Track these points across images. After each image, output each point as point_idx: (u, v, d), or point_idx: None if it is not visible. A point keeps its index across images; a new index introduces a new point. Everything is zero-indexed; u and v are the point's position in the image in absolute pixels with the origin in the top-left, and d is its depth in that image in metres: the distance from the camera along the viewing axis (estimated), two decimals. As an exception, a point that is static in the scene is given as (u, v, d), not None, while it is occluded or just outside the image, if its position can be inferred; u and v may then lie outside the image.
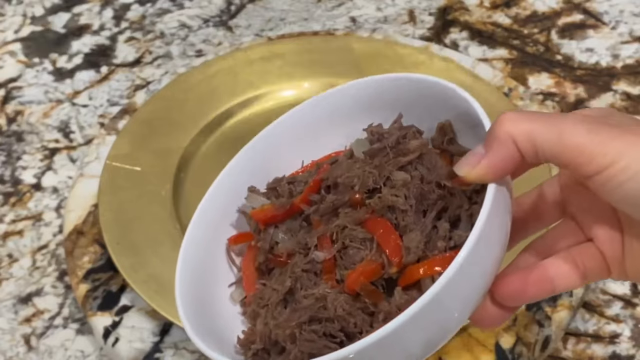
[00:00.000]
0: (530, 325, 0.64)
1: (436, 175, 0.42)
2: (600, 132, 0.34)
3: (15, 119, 0.89)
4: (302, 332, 0.39)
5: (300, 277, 0.41)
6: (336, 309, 0.39)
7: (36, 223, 0.78)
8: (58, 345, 0.69)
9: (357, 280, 0.39)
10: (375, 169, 0.42)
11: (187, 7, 1.03)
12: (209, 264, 0.45)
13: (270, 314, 0.41)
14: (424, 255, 0.39)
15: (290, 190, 0.46)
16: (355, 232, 0.41)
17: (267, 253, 0.45)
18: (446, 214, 0.41)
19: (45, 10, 1.04)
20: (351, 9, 1.00)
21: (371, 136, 0.45)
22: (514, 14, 0.98)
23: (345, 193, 0.42)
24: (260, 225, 0.45)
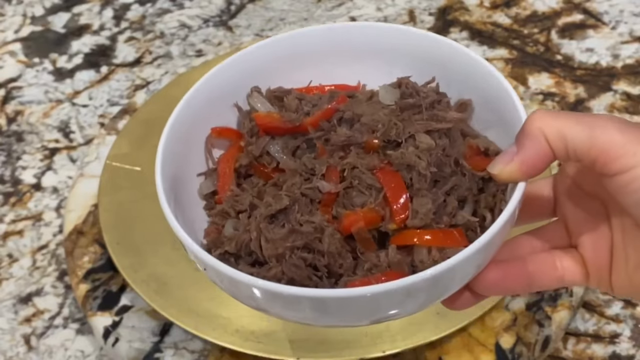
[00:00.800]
0: (531, 325, 0.64)
1: (456, 151, 0.41)
2: (631, 132, 0.34)
3: (15, 119, 0.89)
4: (293, 255, 0.39)
5: (298, 199, 0.40)
6: (330, 244, 0.39)
7: (36, 223, 0.78)
8: (58, 345, 0.69)
9: (356, 223, 0.39)
10: (402, 123, 0.41)
11: (187, 7, 1.03)
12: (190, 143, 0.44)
13: (255, 225, 0.40)
14: (428, 224, 0.39)
15: (298, 107, 0.44)
16: (364, 176, 0.40)
17: (254, 159, 0.44)
18: (456, 192, 0.41)
19: (45, 10, 1.04)
20: (351, 9, 1.00)
21: (405, 89, 0.44)
22: (514, 14, 0.98)
23: (363, 133, 0.41)
24: (259, 129, 0.44)
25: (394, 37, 0.45)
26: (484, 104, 0.44)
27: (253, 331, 0.62)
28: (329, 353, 0.61)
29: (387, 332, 0.62)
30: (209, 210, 0.44)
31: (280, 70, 0.46)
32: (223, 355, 0.63)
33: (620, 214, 0.38)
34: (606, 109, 0.86)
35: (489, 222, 0.40)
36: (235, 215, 0.42)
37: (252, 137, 0.45)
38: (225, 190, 0.43)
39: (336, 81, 0.47)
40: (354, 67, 0.46)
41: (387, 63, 0.46)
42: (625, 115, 0.85)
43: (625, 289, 0.39)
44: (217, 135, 0.45)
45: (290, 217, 0.40)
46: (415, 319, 0.62)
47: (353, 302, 0.35)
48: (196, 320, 0.63)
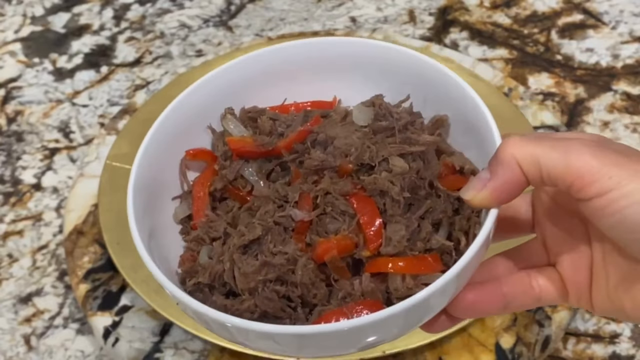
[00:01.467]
0: (531, 325, 0.64)
1: (430, 173, 0.41)
2: (605, 156, 0.34)
3: (15, 119, 0.89)
4: (265, 288, 0.39)
5: (271, 228, 0.40)
6: (303, 276, 0.39)
7: (36, 223, 0.78)
8: (58, 345, 0.69)
9: (329, 251, 0.39)
10: (375, 146, 0.41)
11: (187, 7, 1.03)
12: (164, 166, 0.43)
13: (228, 256, 0.40)
14: (402, 251, 0.39)
15: (272, 128, 0.44)
16: (338, 202, 0.40)
17: (228, 183, 0.43)
18: (430, 215, 0.41)
19: (45, 10, 1.04)
20: (351, 9, 1.00)
21: (378, 110, 0.43)
22: (514, 14, 0.98)
23: (336, 157, 0.41)
24: (233, 153, 0.44)
25: (370, 52, 0.45)
26: (460, 122, 0.43)
27: (253, 331, 0.62)
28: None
29: (387, 332, 0.62)
30: (185, 235, 0.43)
31: (256, 87, 0.46)
32: (223, 355, 0.63)
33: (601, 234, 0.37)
34: (606, 108, 0.86)
35: (463, 246, 0.39)
36: (209, 241, 0.42)
37: (226, 161, 0.44)
38: (200, 215, 0.43)
39: (312, 97, 0.46)
40: (330, 82, 0.46)
41: (363, 78, 0.45)
42: (625, 115, 0.85)
43: (606, 307, 0.38)
44: (192, 157, 0.45)
45: (263, 247, 0.40)
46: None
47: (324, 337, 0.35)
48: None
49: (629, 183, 0.33)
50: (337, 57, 0.45)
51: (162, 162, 0.43)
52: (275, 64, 0.46)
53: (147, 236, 0.39)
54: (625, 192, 0.33)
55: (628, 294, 0.37)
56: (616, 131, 0.83)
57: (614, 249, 0.37)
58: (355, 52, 0.45)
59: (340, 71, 0.46)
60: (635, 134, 0.83)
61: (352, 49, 0.45)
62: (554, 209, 0.40)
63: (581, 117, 0.85)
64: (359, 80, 0.46)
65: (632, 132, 0.83)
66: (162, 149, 0.43)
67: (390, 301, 0.39)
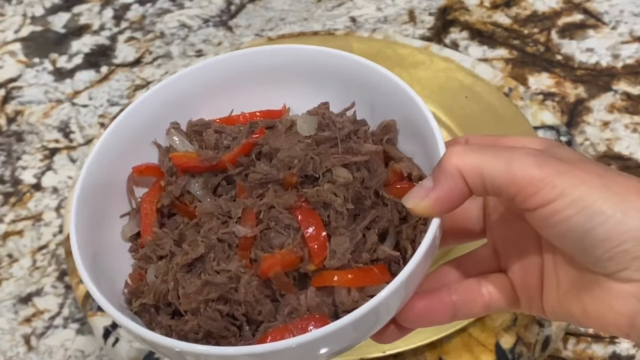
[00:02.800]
0: (531, 325, 0.64)
1: (376, 182, 0.41)
2: (549, 165, 0.34)
3: (15, 119, 0.89)
4: (208, 308, 0.38)
5: (214, 246, 0.39)
6: (247, 294, 0.38)
7: (36, 223, 0.78)
8: (58, 345, 0.69)
9: (273, 267, 0.38)
10: (318, 157, 0.41)
11: (187, 7, 1.03)
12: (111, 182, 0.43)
13: (172, 275, 0.39)
14: (346, 264, 0.38)
15: (217, 141, 0.44)
16: (282, 216, 0.39)
17: (175, 199, 0.43)
18: (376, 225, 0.40)
19: (45, 10, 1.04)
20: (351, 9, 1.00)
21: (322, 119, 0.43)
22: (514, 14, 0.98)
23: (280, 170, 0.41)
24: (177, 169, 0.43)
25: (318, 59, 0.45)
26: (408, 127, 0.43)
27: (253, 331, 0.62)
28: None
29: (387, 332, 0.62)
30: (134, 253, 0.43)
31: (203, 99, 0.45)
32: (223, 355, 0.63)
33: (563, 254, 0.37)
34: (606, 108, 0.86)
35: (409, 255, 0.39)
36: (157, 260, 0.41)
37: (172, 176, 0.43)
38: (148, 232, 0.42)
39: (261, 106, 0.46)
40: (278, 91, 0.46)
41: (312, 85, 0.45)
42: (625, 115, 0.85)
43: (558, 312, 0.38)
44: (139, 174, 0.44)
45: (206, 265, 0.39)
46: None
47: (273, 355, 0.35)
48: (196, 320, 0.63)
49: (573, 192, 0.33)
50: (282, 65, 0.45)
51: (108, 179, 0.42)
52: (221, 75, 0.45)
53: (91, 256, 0.38)
54: (569, 201, 0.33)
55: (578, 301, 0.36)
56: (616, 131, 0.83)
57: (564, 256, 0.37)
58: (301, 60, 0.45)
59: (287, 79, 0.46)
60: (636, 134, 0.83)
61: (298, 56, 0.45)
62: (504, 214, 0.40)
63: (581, 117, 0.85)
64: (307, 87, 0.45)
65: (632, 132, 0.83)
66: (108, 165, 0.42)
67: (337, 315, 0.38)
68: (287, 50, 0.45)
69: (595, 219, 0.33)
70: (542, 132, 0.78)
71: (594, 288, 0.35)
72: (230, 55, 0.45)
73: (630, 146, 0.82)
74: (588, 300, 0.35)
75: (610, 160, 0.81)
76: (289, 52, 0.45)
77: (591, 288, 0.35)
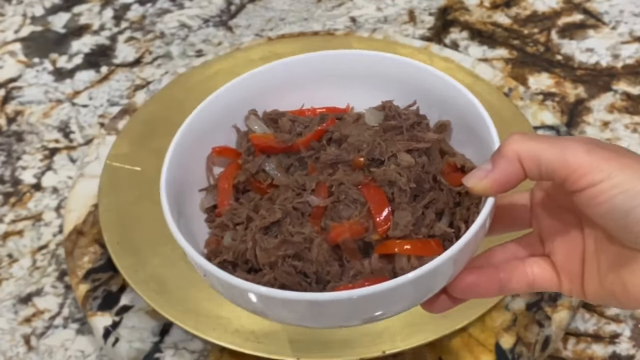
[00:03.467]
0: (531, 325, 0.64)
1: (434, 168, 0.45)
2: (597, 152, 0.38)
3: (15, 119, 0.89)
4: (284, 263, 0.42)
5: (289, 212, 0.44)
6: (318, 254, 0.42)
7: (36, 223, 0.78)
8: (58, 345, 0.69)
9: (342, 234, 0.43)
10: (385, 143, 0.45)
11: (187, 7, 1.03)
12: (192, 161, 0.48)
13: (251, 236, 0.44)
14: (408, 235, 0.43)
15: (291, 128, 0.48)
16: (350, 191, 0.44)
17: (251, 175, 0.47)
18: (433, 205, 0.44)
19: (45, 10, 1.04)
20: (351, 9, 1.00)
21: (388, 111, 0.48)
22: (514, 14, 0.98)
23: (350, 152, 0.45)
24: (255, 149, 0.48)
25: (380, 63, 0.49)
26: (462, 126, 0.47)
27: (253, 331, 0.62)
28: (329, 353, 0.61)
29: (387, 332, 0.62)
30: (209, 223, 0.47)
31: (276, 94, 0.50)
32: (223, 355, 0.63)
33: (592, 224, 0.41)
34: (606, 108, 0.86)
35: (463, 233, 0.42)
36: (233, 227, 0.45)
37: (249, 156, 0.48)
38: (225, 204, 0.47)
39: (327, 104, 0.51)
40: (343, 91, 0.50)
41: (373, 87, 0.50)
42: (625, 115, 0.85)
43: (598, 294, 0.42)
44: (217, 154, 0.49)
45: (282, 228, 0.44)
46: (415, 319, 0.63)
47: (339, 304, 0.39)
48: (196, 320, 0.63)
49: (618, 175, 0.37)
50: (350, 68, 0.50)
51: (190, 158, 0.47)
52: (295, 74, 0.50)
53: (177, 219, 0.43)
54: (614, 183, 0.37)
55: (618, 279, 0.40)
56: (616, 131, 0.83)
57: (605, 238, 0.41)
58: (367, 64, 0.50)
59: (353, 81, 0.50)
60: (635, 134, 0.83)
61: (364, 60, 0.50)
62: (549, 203, 0.44)
63: (581, 117, 0.85)
64: (370, 90, 0.50)
65: (632, 132, 0.83)
66: (190, 146, 0.47)
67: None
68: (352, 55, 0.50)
69: (637, 199, 0.37)
70: (542, 132, 0.78)
71: (633, 264, 0.39)
72: (304, 57, 0.50)
73: (630, 146, 0.82)
74: (627, 277, 0.39)
75: (610, 160, 0.81)
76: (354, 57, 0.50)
77: (630, 264, 0.39)
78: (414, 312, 0.63)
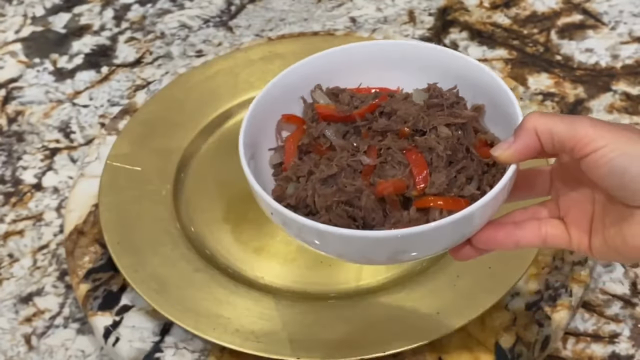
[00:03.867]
0: (530, 325, 0.64)
1: (468, 141, 0.53)
2: (600, 125, 0.46)
3: (16, 119, 0.89)
4: (338, 207, 0.51)
5: (344, 168, 0.53)
6: (367, 202, 0.51)
7: (37, 223, 0.78)
8: (59, 344, 0.69)
9: (387, 188, 0.51)
10: (428, 117, 0.54)
11: (187, 8, 1.03)
12: (263, 128, 0.57)
13: (311, 186, 0.52)
14: (441, 193, 0.51)
15: (349, 102, 0.57)
16: (396, 155, 0.52)
17: (313, 139, 0.55)
18: (465, 171, 0.52)
19: (46, 11, 1.04)
20: (351, 10, 1.01)
21: (432, 92, 0.56)
22: (513, 14, 0.99)
23: (398, 123, 0.54)
24: (319, 116, 0.56)
25: (426, 52, 0.58)
26: (493, 106, 0.55)
27: (253, 331, 0.62)
28: (329, 353, 0.61)
29: (387, 332, 0.62)
30: (276, 177, 0.56)
31: (338, 74, 0.59)
32: (223, 354, 0.64)
33: (599, 190, 0.49)
34: (605, 109, 0.86)
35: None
36: (296, 179, 0.54)
37: (312, 122, 0.56)
38: (290, 161, 0.55)
39: (380, 85, 0.59)
40: (394, 74, 0.59)
41: (420, 72, 0.58)
42: (625, 116, 0.85)
43: (602, 250, 0.49)
44: (286, 120, 0.58)
45: (337, 180, 0.52)
46: (415, 319, 0.63)
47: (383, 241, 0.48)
48: (196, 320, 0.63)
49: (616, 142, 0.45)
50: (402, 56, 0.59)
51: (262, 122, 0.56)
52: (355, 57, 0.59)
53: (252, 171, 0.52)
54: (612, 148, 0.45)
55: (618, 234, 0.47)
56: (616, 131, 0.84)
57: (608, 200, 0.48)
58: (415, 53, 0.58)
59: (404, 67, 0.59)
60: (635, 134, 0.83)
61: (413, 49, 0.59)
62: (567, 176, 0.51)
63: (581, 117, 0.85)
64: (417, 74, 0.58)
65: (631, 132, 0.83)
66: (263, 112, 0.56)
67: None
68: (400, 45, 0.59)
69: (632, 161, 0.45)
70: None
71: (630, 219, 0.46)
72: (360, 45, 0.59)
73: (629, 146, 0.82)
74: (626, 229, 0.46)
75: (610, 160, 0.81)
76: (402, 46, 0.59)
77: (628, 220, 0.46)
78: (414, 312, 0.63)
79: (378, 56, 0.59)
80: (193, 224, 0.72)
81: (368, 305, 0.64)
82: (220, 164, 0.76)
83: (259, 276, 0.68)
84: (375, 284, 0.67)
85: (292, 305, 0.65)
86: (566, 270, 0.67)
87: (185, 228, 0.71)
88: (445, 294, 0.64)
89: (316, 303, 0.65)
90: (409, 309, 0.64)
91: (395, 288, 0.66)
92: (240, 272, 0.68)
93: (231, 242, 0.71)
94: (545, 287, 0.66)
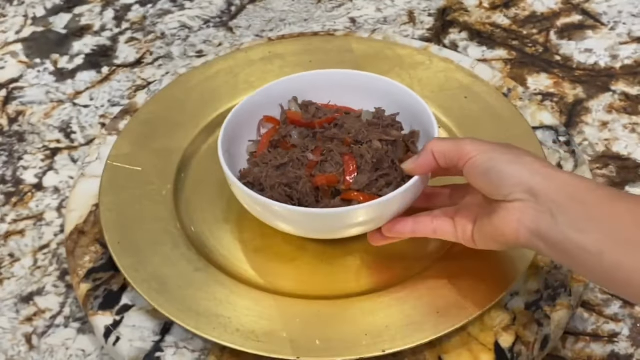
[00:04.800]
0: (530, 324, 0.64)
1: (395, 155, 0.68)
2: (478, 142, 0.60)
3: (17, 119, 0.90)
4: (279, 187, 0.66)
5: (294, 160, 0.68)
6: (303, 187, 0.66)
7: (37, 223, 0.79)
8: (59, 344, 0.69)
9: (322, 180, 0.66)
10: (367, 132, 0.69)
11: (187, 8, 1.03)
12: (247, 124, 0.72)
13: (267, 170, 0.67)
14: (362, 190, 0.65)
15: (315, 113, 0.72)
16: (336, 157, 0.68)
17: (281, 137, 0.71)
18: (386, 178, 0.66)
19: (47, 11, 1.04)
20: (351, 10, 1.01)
21: (376, 114, 0.72)
22: (513, 14, 0.99)
23: (344, 133, 0.69)
24: (288, 120, 0.72)
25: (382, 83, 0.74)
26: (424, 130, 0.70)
27: (253, 330, 0.63)
28: (329, 353, 0.61)
29: (387, 332, 0.62)
30: (249, 161, 0.71)
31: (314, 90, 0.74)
32: (224, 354, 0.64)
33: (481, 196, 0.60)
34: (605, 109, 0.86)
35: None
36: (261, 164, 0.69)
37: (284, 125, 0.72)
38: (261, 151, 0.70)
39: (346, 104, 0.75)
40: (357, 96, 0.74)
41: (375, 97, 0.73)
42: (624, 116, 0.85)
43: (481, 239, 0.60)
44: (266, 120, 0.73)
45: (287, 169, 0.67)
46: (415, 319, 0.63)
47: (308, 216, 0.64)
48: (197, 319, 0.63)
49: (486, 150, 0.59)
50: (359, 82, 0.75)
51: (246, 120, 0.72)
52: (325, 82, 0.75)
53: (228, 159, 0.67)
54: (483, 154, 0.59)
55: (490, 223, 0.58)
56: (615, 131, 0.84)
57: (485, 200, 0.60)
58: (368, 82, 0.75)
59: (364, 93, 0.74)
60: (634, 134, 0.83)
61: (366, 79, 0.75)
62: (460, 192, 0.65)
63: (580, 117, 0.85)
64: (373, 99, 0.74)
65: (630, 132, 0.84)
66: (247, 112, 0.72)
67: None
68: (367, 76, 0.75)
69: (496, 162, 0.58)
70: (540, 133, 0.79)
71: (498, 210, 0.57)
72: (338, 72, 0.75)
73: (628, 146, 0.82)
74: (496, 220, 0.58)
75: (609, 160, 0.81)
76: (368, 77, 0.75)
77: (497, 210, 0.57)
78: (414, 312, 0.63)
79: (348, 83, 0.75)
80: (193, 223, 0.72)
81: (368, 304, 0.65)
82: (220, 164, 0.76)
83: (259, 276, 0.68)
84: (375, 284, 0.67)
85: (292, 305, 0.65)
86: (565, 269, 0.67)
87: (186, 228, 0.71)
88: (445, 293, 0.64)
89: (316, 303, 0.65)
90: (409, 309, 0.64)
91: (395, 288, 0.66)
92: (240, 272, 0.68)
93: (231, 242, 0.71)
94: (544, 286, 0.66)
